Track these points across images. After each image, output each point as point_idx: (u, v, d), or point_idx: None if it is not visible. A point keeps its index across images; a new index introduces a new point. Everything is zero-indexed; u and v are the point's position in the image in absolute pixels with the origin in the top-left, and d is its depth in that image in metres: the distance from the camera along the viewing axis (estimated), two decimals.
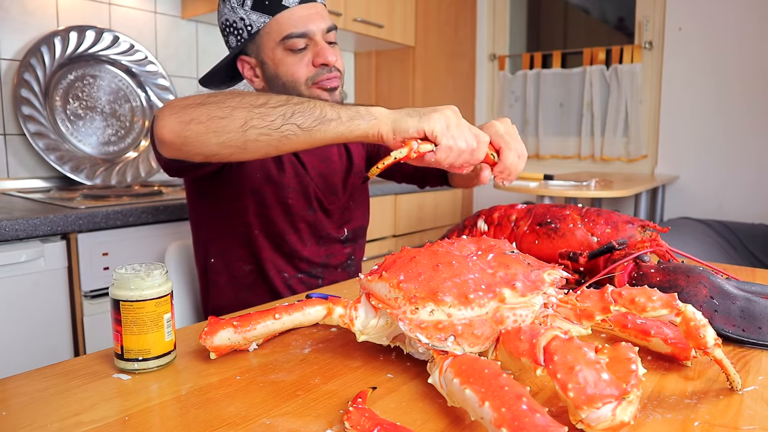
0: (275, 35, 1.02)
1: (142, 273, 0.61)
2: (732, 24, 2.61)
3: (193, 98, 0.79)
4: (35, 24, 1.80)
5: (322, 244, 1.15)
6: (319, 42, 1.04)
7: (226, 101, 0.76)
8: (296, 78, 1.04)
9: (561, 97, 3.15)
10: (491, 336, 0.55)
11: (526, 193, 2.23)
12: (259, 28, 1.02)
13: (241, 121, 0.75)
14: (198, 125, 0.76)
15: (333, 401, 0.54)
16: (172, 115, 0.78)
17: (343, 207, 1.19)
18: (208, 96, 0.78)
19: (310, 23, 1.02)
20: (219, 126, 0.75)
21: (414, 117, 0.74)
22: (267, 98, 0.76)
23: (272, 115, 0.75)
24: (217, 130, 0.75)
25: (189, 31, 2.23)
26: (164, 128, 0.78)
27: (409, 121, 0.74)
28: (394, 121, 0.75)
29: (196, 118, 0.76)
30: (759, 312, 0.67)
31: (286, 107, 0.76)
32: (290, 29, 1.01)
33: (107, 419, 0.51)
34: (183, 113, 0.77)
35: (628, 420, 0.42)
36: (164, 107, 0.80)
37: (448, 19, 3.09)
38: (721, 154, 2.70)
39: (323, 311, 0.63)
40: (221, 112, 0.75)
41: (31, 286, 1.31)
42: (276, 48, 1.03)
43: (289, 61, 1.04)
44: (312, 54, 1.04)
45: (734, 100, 2.64)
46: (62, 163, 1.79)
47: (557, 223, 0.95)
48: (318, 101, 0.78)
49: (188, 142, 0.78)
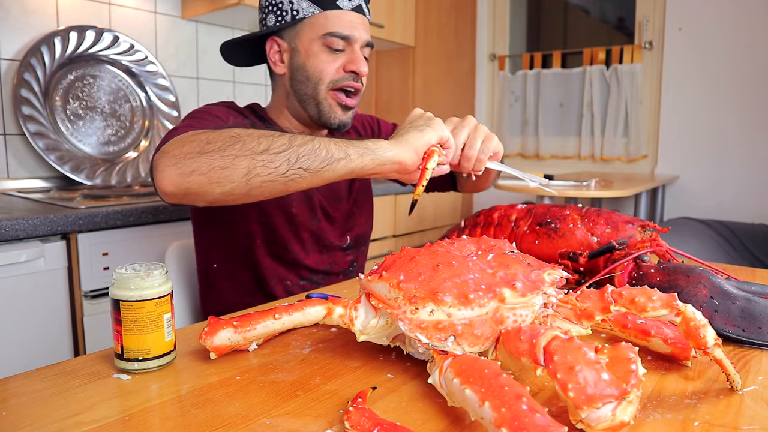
0: (319, 29, 1.02)
1: (142, 273, 0.61)
2: (732, 24, 2.61)
3: (191, 144, 0.75)
4: (35, 24, 1.80)
5: (325, 252, 1.15)
6: (356, 50, 1.04)
7: (227, 149, 0.73)
8: (322, 76, 1.04)
9: (561, 97, 3.15)
10: (491, 336, 0.55)
11: (526, 193, 2.23)
12: (305, 16, 1.02)
13: (244, 170, 0.72)
14: (200, 176, 0.73)
15: (333, 401, 0.54)
16: (171, 167, 0.74)
17: (347, 213, 1.19)
18: (207, 142, 0.74)
19: (356, 30, 1.03)
20: (222, 176, 0.73)
21: (423, 130, 0.77)
22: (269, 142, 0.73)
23: (276, 162, 0.73)
24: (220, 180, 0.73)
25: (189, 31, 2.23)
26: (164, 180, 0.74)
27: (425, 135, 0.76)
28: (407, 142, 0.76)
29: (197, 169, 0.72)
30: (759, 312, 0.67)
31: (290, 151, 0.73)
32: (336, 28, 1.02)
33: (107, 419, 0.51)
34: (183, 164, 0.73)
35: (628, 420, 0.42)
36: (162, 155, 0.76)
37: (448, 19, 3.10)
38: (721, 154, 2.70)
39: (323, 311, 0.63)
40: (223, 162, 0.72)
41: (31, 286, 1.31)
42: (315, 41, 1.03)
43: (323, 57, 1.04)
44: (346, 59, 1.04)
45: (734, 100, 2.64)
46: (62, 163, 1.79)
47: (557, 223, 0.95)
48: (322, 139, 0.75)
49: (191, 193, 0.75)
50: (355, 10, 1.04)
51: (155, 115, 2.09)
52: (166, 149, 0.76)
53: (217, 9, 2.05)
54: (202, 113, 0.99)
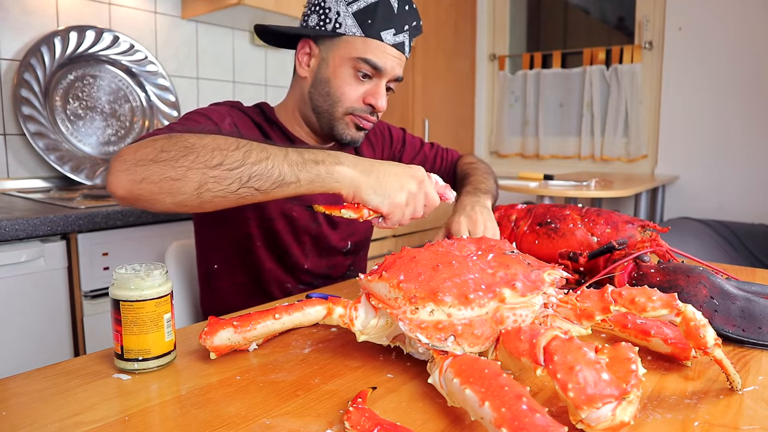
0: (354, 51, 1.00)
1: (142, 273, 0.61)
2: (732, 24, 2.61)
3: (145, 150, 0.73)
4: (35, 24, 1.80)
5: (325, 256, 1.14)
6: (381, 83, 1.02)
7: (180, 160, 0.71)
8: (342, 99, 1.02)
9: (561, 97, 3.15)
10: (491, 336, 0.55)
11: (526, 193, 2.23)
12: (346, 33, 0.99)
13: (196, 184, 0.71)
14: (150, 185, 0.71)
15: (333, 401, 0.54)
16: (122, 172, 0.72)
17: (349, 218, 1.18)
18: (161, 150, 0.72)
19: (388, 63, 1.01)
20: (173, 187, 0.71)
21: (378, 195, 0.76)
22: (222, 157, 0.71)
23: (228, 179, 0.72)
24: (171, 191, 0.72)
25: (189, 31, 2.23)
26: (115, 184, 0.72)
27: (372, 199, 0.76)
28: (357, 188, 0.76)
29: (147, 177, 0.71)
30: (759, 312, 0.67)
31: (242, 169, 0.72)
32: (371, 56, 0.99)
33: (107, 419, 0.51)
34: (134, 171, 0.71)
35: (628, 420, 0.42)
36: (116, 159, 0.74)
37: (448, 19, 3.09)
38: (721, 154, 2.70)
39: (323, 311, 0.63)
40: (174, 173, 0.71)
41: (31, 286, 1.31)
42: (346, 61, 1.00)
43: (349, 80, 1.01)
44: (370, 89, 1.02)
45: (734, 100, 2.64)
46: (62, 163, 1.79)
47: (557, 223, 0.95)
48: (277, 156, 0.74)
49: (141, 200, 0.73)
50: (397, 47, 1.01)
51: (155, 115, 2.09)
52: (122, 152, 0.75)
53: (217, 9, 2.05)
54: (195, 115, 0.97)
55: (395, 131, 1.32)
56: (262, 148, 0.74)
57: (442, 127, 3.14)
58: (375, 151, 1.27)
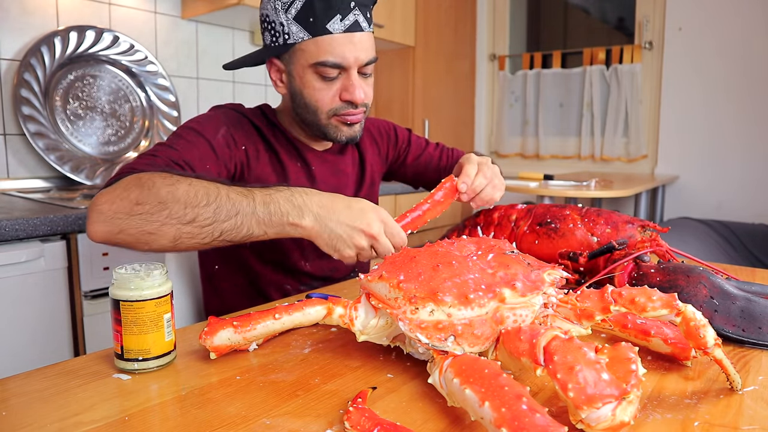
0: (309, 57, 0.96)
1: (142, 273, 0.61)
2: (732, 24, 2.61)
3: (120, 203, 0.77)
4: (35, 24, 1.80)
5: (326, 259, 1.13)
6: (352, 75, 0.98)
7: (154, 215, 0.76)
8: (319, 106, 1.00)
9: (561, 97, 3.15)
10: (491, 336, 0.55)
11: (526, 193, 2.23)
12: (296, 42, 0.96)
13: (171, 237, 0.77)
14: (128, 236, 0.77)
15: (333, 401, 0.54)
16: (100, 223, 0.77)
17: None
18: (136, 203, 0.76)
19: (349, 54, 0.96)
20: (150, 239, 0.77)
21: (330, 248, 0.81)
22: (194, 213, 0.76)
23: (201, 234, 0.78)
24: (148, 242, 0.77)
25: (189, 31, 2.23)
26: (95, 234, 0.78)
27: (326, 250, 0.82)
28: (314, 239, 0.81)
29: (124, 230, 0.76)
30: (759, 312, 0.67)
31: (213, 226, 0.77)
32: (326, 56, 0.95)
33: (107, 419, 0.51)
34: (111, 223, 0.77)
35: (628, 420, 0.42)
36: (93, 210, 0.78)
37: (448, 19, 3.09)
38: (721, 154, 2.70)
39: (323, 311, 0.63)
40: (150, 227, 0.76)
41: (31, 286, 1.31)
42: (307, 68, 0.97)
43: (317, 86, 0.98)
44: (341, 86, 0.98)
45: (734, 100, 2.64)
46: (62, 163, 1.79)
47: (557, 223, 0.95)
48: (247, 213, 0.78)
49: (121, 246, 0.80)
50: (350, 29, 0.95)
51: (155, 115, 2.09)
52: (97, 202, 0.78)
53: (217, 9, 2.05)
54: (187, 132, 0.96)
55: (401, 131, 1.32)
56: (232, 202, 0.79)
57: (442, 127, 3.14)
58: (380, 151, 1.27)
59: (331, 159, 1.14)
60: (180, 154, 0.91)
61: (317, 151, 1.12)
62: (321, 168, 1.12)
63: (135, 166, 0.85)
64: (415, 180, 1.36)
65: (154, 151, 0.91)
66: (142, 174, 0.80)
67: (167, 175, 0.80)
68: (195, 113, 1.26)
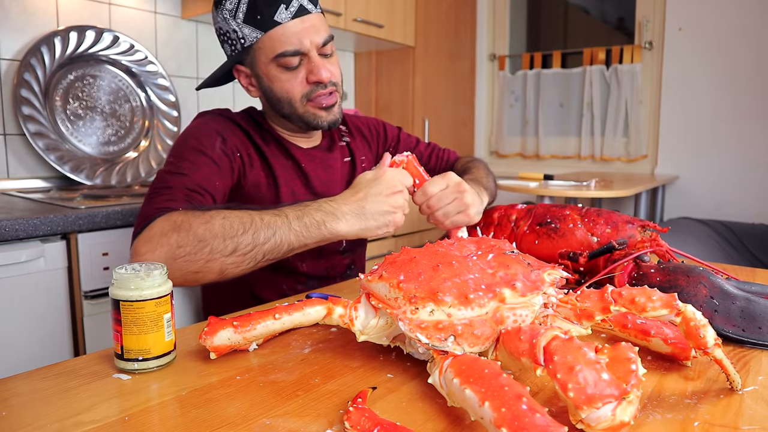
0: (268, 52, 0.99)
1: (142, 273, 0.61)
2: (732, 24, 2.61)
3: (162, 249, 0.79)
4: (35, 24, 1.80)
5: (321, 258, 1.13)
6: (313, 58, 1.01)
7: (197, 254, 0.78)
8: (291, 95, 1.03)
9: (561, 97, 3.15)
10: (491, 336, 0.55)
11: (526, 193, 2.23)
12: (252, 42, 1.00)
13: (217, 270, 0.81)
14: (176, 279, 0.79)
15: (333, 401, 0.54)
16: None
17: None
18: (177, 246, 0.78)
19: (304, 38, 0.99)
20: (197, 277, 0.81)
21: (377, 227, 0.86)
22: (235, 244, 0.79)
23: (245, 261, 0.81)
24: (196, 279, 0.81)
25: (189, 31, 2.23)
26: None
27: (375, 232, 0.86)
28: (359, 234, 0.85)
29: (171, 273, 0.77)
30: (759, 312, 0.67)
31: (255, 251, 0.80)
32: (283, 47, 0.98)
33: (107, 419, 0.51)
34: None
35: (628, 420, 0.42)
36: (136, 259, 0.80)
37: (448, 19, 3.09)
38: (721, 154, 2.70)
39: (323, 311, 0.63)
40: (195, 267, 0.79)
41: (31, 286, 1.31)
42: (269, 64, 1.01)
43: (283, 78, 1.01)
44: (306, 71, 1.01)
45: (734, 99, 2.64)
46: (62, 163, 1.79)
47: (557, 223, 0.95)
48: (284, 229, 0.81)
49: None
50: (297, 15, 0.98)
51: (155, 115, 2.09)
52: (139, 251, 0.80)
53: None
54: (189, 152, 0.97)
55: (390, 129, 1.33)
56: (267, 224, 0.81)
57: (442, 127, 3.14)
58: (371, 148, 1.28)
59: (319, 156, 1.16)
60: (192, 180, 0.93)
61: (305, 149, 1.14)
62: (311, 165, 1.13)
63: (159, 205, 0.87)
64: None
65: (166, 183, 0.92)
66: (173, 215, 0.82)
67: (199, 213, 0.82)
68: (195, 113, 1.25)
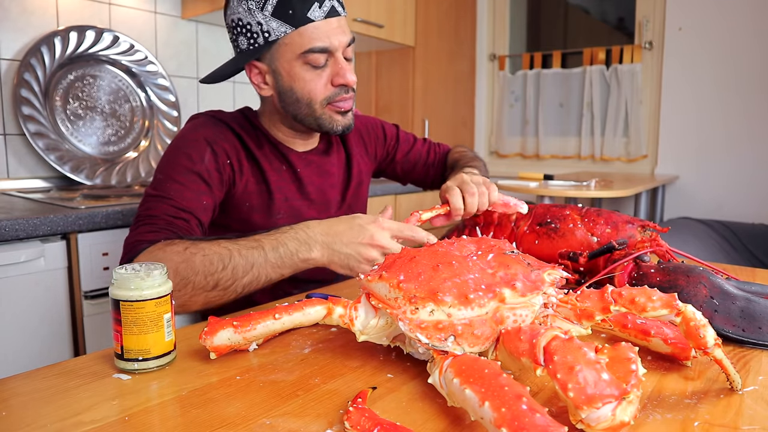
0: (296, 48, 0.97)
1: (142, 273, 0.61)
2: (732, 24, 2.61)
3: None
4: (35, 24, 1.80)
5: None
6: (339, 59, 0.99)
7: (181, 290, 0.81)
8: (313, 96, 1.00)
9: (561, 97, 3.15)
10: (491, 336, 0.55)
11: (526, 193, 2.23)
12: (279, 37, 0.96)
13: (200, 304, 0.84)
14: None
15: (333, 401, 0.54)
16: None
17: None
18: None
19: (333, 37, 0.97)
20: (182, 308, 0.85)
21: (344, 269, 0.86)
22: (215, 280, 0.82)
23: (226, 294, 0.84)
24: (181, 311, 0.86)
25: (189, 31, 2.23)
26: None
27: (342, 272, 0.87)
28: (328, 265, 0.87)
29: None
30: (759, 312, 0.67)
31: (235, 285, 0.83)
32: (313, 43, 0.96)
33: (107, 419, 0.51)
34: None
35: (628, 420, 0.42)
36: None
37: (448, 19, 3.09)
38: (721, 154, 2.70)
39: (323, 311, 0.63)
40: (179, 301, 0.83)
41: (31, 286, 1.31)
42: (294, 61, 0.98)
43: (308, 77, 0.99)
44: (332, 72, 0.99)
45: (734, 100, 2.64)
46: (62, 163, 1.79)
47: (557, 223, 0.95)
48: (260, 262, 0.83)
49: None
50: (329, 15, 0.97)
51: (155, 115, 2.09)
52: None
53: (217, 9, 2.05)
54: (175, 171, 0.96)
55: (389, 128, 1.32)
56: (245, 259, 0.83)
57: (442, 127, 3.14)
58: (368, 149, 1.27)
59: (316, 160, 1.14)
60: (176, 203, 0.93)
61: (301, 153, 1.12)
62: (306, 170, 1.12)
63: (141, 237, 0.88)
64: (404, 176, 1.37)
65: (150, 209, 0.92)
66: (153, 249, 0.84)
67: (179, 249, 0.83)
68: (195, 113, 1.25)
